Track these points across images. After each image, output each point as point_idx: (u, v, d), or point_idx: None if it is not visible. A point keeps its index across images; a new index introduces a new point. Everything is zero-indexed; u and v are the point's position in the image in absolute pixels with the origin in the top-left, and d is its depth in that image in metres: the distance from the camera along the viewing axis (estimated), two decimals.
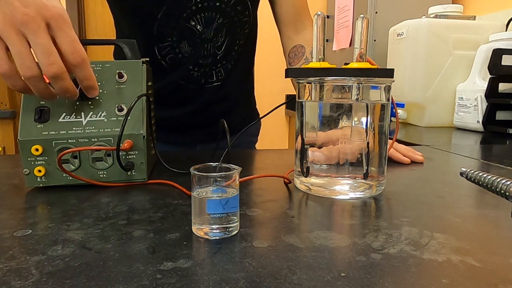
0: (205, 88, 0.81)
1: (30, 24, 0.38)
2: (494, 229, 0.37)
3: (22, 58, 0.39)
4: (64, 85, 0.42)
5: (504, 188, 0.28)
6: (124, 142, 0.48)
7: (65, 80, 0.42)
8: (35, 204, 0.43)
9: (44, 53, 0.39)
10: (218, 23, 0.75)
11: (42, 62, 0.40)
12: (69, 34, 0.41)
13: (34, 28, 0.39)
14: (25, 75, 0.40)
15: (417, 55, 1.33)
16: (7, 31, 0.38)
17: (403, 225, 0.37)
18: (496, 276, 0.27)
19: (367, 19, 0.46)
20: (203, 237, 0.34)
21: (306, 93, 0.49)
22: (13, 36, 0.38)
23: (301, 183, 0.50)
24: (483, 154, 0.78)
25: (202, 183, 0.34)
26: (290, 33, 0.85)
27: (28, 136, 0.47)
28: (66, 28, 0.40)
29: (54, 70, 0.40)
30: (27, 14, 0.38)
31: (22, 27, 0.38)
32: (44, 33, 0.39)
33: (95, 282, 0.26)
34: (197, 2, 0.72)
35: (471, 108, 1.20)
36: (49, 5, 0.40)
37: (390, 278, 0.27)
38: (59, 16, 0.40)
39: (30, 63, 0.40)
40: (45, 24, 0.39)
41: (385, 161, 0.49)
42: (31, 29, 0.38)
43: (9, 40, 0.39)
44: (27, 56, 0.39)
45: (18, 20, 0.38)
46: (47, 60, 0.39)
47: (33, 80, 0.41)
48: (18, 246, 0.32)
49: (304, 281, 0.26)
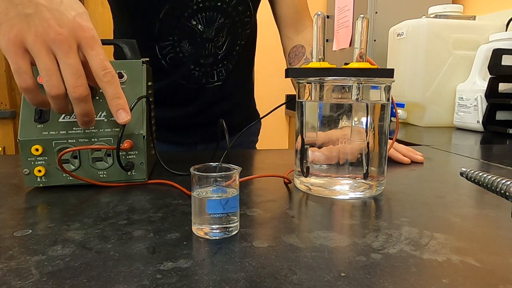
0: (206, 88, 0.81)
1: (62, 44, 0.38)
2: (494, 229, 0.37)
3: (50, 76, 0.39)
4: (86, 108, 0.41)
5: (504, 188, 0.28)
6: (124, 142, 0.48)
7: (88, 103, 0.41)
8: (35, 204, 0.43)
9: (73, 74, 0.39)
10: (219, 23, 0.75)
11: (70, 83, 0.39)
12: (99, 53, 0.40)
13: (66, 49, 0.38)
14: (50, 93, 0.39)
15: (417, 55, 1.33)
16: (38, 48, 0.38)
17: (403, 225, 0.37)
18: (496, 276, 0.27)
19: (367, 19, 0.46)
20: (203, 237, 0.34)
21: (306, 93, 0.49)
22: (44, 54, 0.38)
23: (301, 183, 0.50)
24: (483, 154, 0.78)
25: (202, 183, 0.34)
26: (290, 33, 0.86)
27: (28, 136, 0.47)
28: (97, 48, 0.40)
29: (80, 92, 0.39)
30: (61, 34, 0.38)
31: (53, 46, 0.38)
32: (75, 54, 0.39)
33: (95, 282, 0.26)
34: (198, 1, 0.72)
35: (471, 108, 1.20)
36: (83, 26, 0.39)
37: (390, 278, 0.27)
38: (91, 38, 0.40)
39: (57, 82, 0.39)
40: (77, 44, 0.39)
41: (385, 161, 0.49)
42: (63, 49, 0.38)
43: (39, 56, 0.38)
44: (55, 75, 0.39)
45: (50, 38, 0.38)
46: (75, 81, 0.39)
47: (57, 99, 0.40)
48: (18, 246, 0.32)
49: (304, 281, 0.26)
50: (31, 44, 0.37)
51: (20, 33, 0.37)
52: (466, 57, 1.28)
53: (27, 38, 0.37)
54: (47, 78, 0.39)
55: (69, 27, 0.38)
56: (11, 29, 0.37)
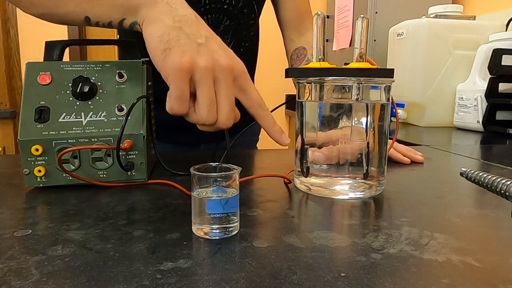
0: None
1: (229, 75, 0.39)
2: (494, 229, 0.37)
3: (211, 107, 0.39)
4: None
5: (504, 188, 0.28)
6: (124, 142, 0.48)
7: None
8: (35, 204, 0.43)
9: (231, 106, 0.39)
10: (225, 25, 0.76)
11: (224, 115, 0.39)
12: (255, 88, 0.42)
13: (230, 80, 0.39)
14: (206, 122, 0.40)
15: (417, 55, 1.33)
16: (206, 76, 0.38)
17: (403, 225, 0.37)
18: (496, 276, 0.27)
19: (367, 19, 0.46)
20: (203, 237, 0.34)
21: (306, 93, 0.49)
22: (209, 83, 0.38)
23: (301, 183, 0.50)
24: (483, 154, 0.78)
25: (202, 183, 0.34)
26: (293, 35, 0.86)
27: (28, 136, 0.47)
28: (251, 83, 0.41)
29: (229, 124, 0.40)
30: (228, 64, 0.39)
31: (220, 75, 0.38)
32: (233, 88, 0.40)
33: (95, 282, 0.26)
34: (205, 3, 0.72)
35: (471, 108, 1.20)
36: (238, 59, 0.41)
37: (390, 278, 0.27)
38: (246, 73, 0.41)
39: (214, 114, 0.39)
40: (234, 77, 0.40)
41: (385, 161, 0.49)
42: (228, 80, 0.39)
43: (204, 85, 0.38)
44: (214, 105, 0.39)
45: (220, 68, 0.38)
46: (229, 114, 0.40)
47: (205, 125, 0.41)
48: (18, 246, 0.32)
49: (304, 281, 0.26)
50: (201, 70, 0.38)
51: (192, 59, 0.37)
52: (466, 57, 1.28)
53: (198, 64, 0.38)
54: (208, 109, 0.39)
55: (232, 59, 0.39)
56: (183, 55, 0.37)
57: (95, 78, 0.50)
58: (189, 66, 0.37)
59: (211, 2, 0.72)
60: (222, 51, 0.39)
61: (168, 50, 0.38)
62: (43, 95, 0.48)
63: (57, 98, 0.48)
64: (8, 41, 2.35)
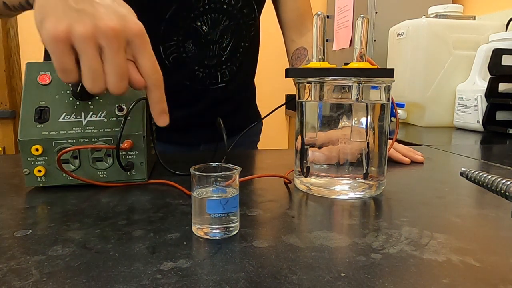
0: (210, 89, 0.81)
1: (113, 40, 0.36)
2: (494, 229, 0.37)
3: (95, 79, 0.37)
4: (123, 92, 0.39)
5: (504, 188, 0.28)
6: (124, 142, 0.48)
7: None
8: (35, 204, 0.43)
9: (119, 75, 0.37)
10: (224, 25, 0.75)
11: (113, 84, 0.37)
12: (151, 54, 0.39)
13: (116, 46, 0.36)
14: (91, 90, 0.38)
15: (417, 55, 1.33)
16: (86, 43, 0.35)
17: (403, 225, 0.37)
18: (496, 276, 0.27)
19: (367, 19, 0.46)
20: (203, 237, 0.34)
21: (306, 93, 0.49)
22: (90, 50, 0.35)
23: (301, 183, 0.50)
24: (483, 154, 0.78)
25: (202, 183, 0.34)
26: (293, 36, 0.86)
27: (28, 136, 0.47)
28: (148, 48, 0.38)
29: (120, 92, 0.38)
30: (113, 29, 0.35)
31: (103, 41, 0.35)
32: (123, 53, 0.37)
33: (95, 282, 0.26)
34: (205, 3, 0.72)
35: (471, 108, 1.20)
36: (132, 21, 0.37)
37: (390, 278, 0.27)
38: (142, 36, 0.38)
39: (102, 84, 0.37)
40: (126, 42, 0.37)
41: (385, 161, 0.49)
42: (112, 47, 0.36)
43: (85, 53, 0.36)
44: (101, 77, 0.37)
45: (101, 33, 0.35)
46: (118, 84, 0.37)
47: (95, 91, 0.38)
48: (18, 246, 0.32)
49: (304, 281, 0.26)
50: (79, 38, 0.35)
51: (68, 27, 0.35)
52: (466, 57, 1.28)
53: (75, 31, 0.35)
54: (91, 79, 0.37)
55: (121, 23, 0.36)
56: (58, 23, 0.35)
57: None
58: (65, 35, 0.35)
59: (210, 1, 0.72)
60: (109, 15, 0.36)
61: (44, 20, 0.35)
62: (43, 95, 0.48)
63: (57, 98, 0.48)
64: (8, 41, 2.35)
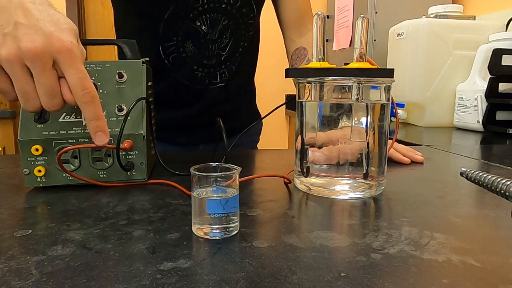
0: (209, 89, 0.81)
1: (36, 60, 0.36)
2: (494, 229, 0.37)
3: (26, 99, 0.38)
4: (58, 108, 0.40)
5: (504, 188, 0.28)
6: (124, 142, 0.48)
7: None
8: (35, 204, 0.43)
9: (48, 95, 0.38)
10: (223, 24, 0.75)
11: (44, 103, 0.38)
12: (78, 71, 0.38)
13: (40, 66, 0.36)
14: (27, 110, 0.39)
15: (417, 55, 1.33)
16: (11, 65, 0.36)
17: (403, 225, 0.37)
18: (496, 276, 0.27)
19: (367, 19, 0.46)
20: (203, 237, 0.34)
21: (306, 93, 0.49)
22: (18, 72, 0.37)
23: (301, 183, 0.50)
24: (483, 154, 0.78)
25: (202, 183, 0.34)
26: (293, 35, 0.86)
27: (28, 136, 0.47)
28: (75, 64, 0.38)
29: (56, 109, 0.39)
30: (32, 50, 0.36)
31: (27, 62, 0.36)
32: (49, 72, 0.37)
33: (95, 282, 0.26)
34: (203, 3, 0.72)
35: (471, 108, 1.20)
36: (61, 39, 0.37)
37: (390, 278, 0.27)
38: (68, 52, 0.37)
39: (34, 102, 0.38)
40: (52, 60, 0.37)
41: (385, 161, 0.49)
42: (37, 67, 0.36)
43: (13, 75, 0.37)
44: (32, 96, 0.38)
45: (24, 54, 0.36)
46: (50, 102, 0.38)
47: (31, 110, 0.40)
48: (18, 246, 0.32)
49: (304, 281, 0.26)
50: (5, 62, 0.36)
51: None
52: (466, 57, 1.28)
53: (0, 55, 0.36)
54: (23, 100, 0.38)
55: (43, 42, 0.36)
56: None
57: (95, 78, 0.50)
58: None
59: (209, 1, 0.72)
60: (31, 36, 0.36)
61: None
62: None
63: None
64: None
